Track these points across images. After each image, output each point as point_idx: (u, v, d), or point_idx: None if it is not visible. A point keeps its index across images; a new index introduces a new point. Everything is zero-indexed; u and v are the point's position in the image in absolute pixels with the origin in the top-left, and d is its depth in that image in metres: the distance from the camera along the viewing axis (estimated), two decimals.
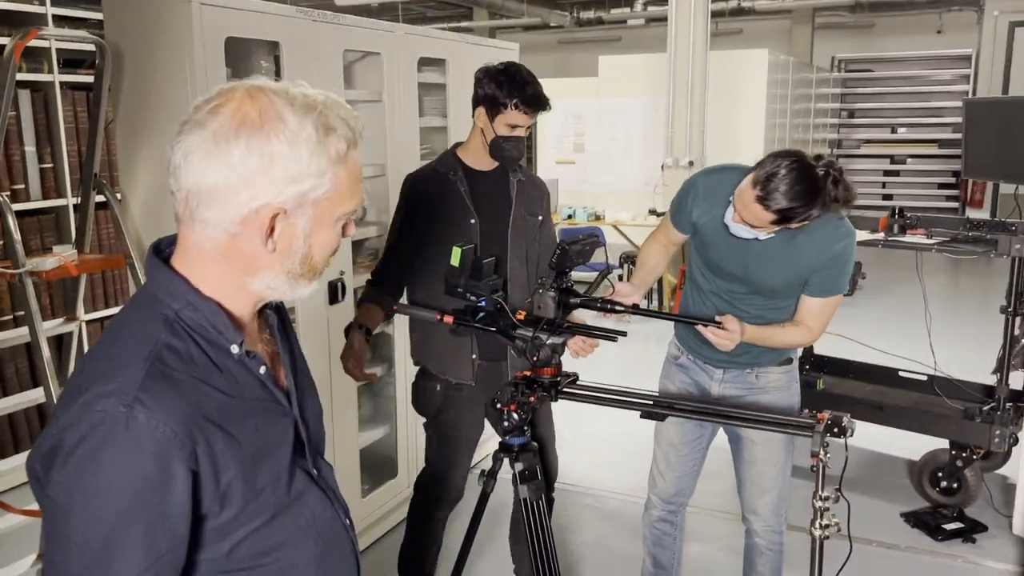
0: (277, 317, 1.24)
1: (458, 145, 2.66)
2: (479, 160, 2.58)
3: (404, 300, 2.67)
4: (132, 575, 0.98)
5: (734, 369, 2.48)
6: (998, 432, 3.49)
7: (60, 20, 4.00)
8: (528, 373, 2.25)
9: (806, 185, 2.09)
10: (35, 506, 3.06)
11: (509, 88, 2.43)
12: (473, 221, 2.54)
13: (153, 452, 0.96)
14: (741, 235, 2.27)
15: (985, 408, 3.63)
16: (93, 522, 0.96)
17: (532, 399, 2.25)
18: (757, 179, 2.12)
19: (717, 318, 2.24)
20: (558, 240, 2.32)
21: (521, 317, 2.24)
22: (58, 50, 3.96)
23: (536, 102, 2.46)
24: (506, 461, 2.31)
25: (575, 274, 2.28)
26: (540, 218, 2.68)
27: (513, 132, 2.48)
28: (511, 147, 2.50)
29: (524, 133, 2.51)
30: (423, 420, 2.76)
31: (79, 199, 2.82)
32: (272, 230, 1.05)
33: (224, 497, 1.04)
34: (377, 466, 3.53)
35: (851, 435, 2.00)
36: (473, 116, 2.53)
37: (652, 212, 7.40)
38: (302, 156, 1.02)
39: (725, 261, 2.39)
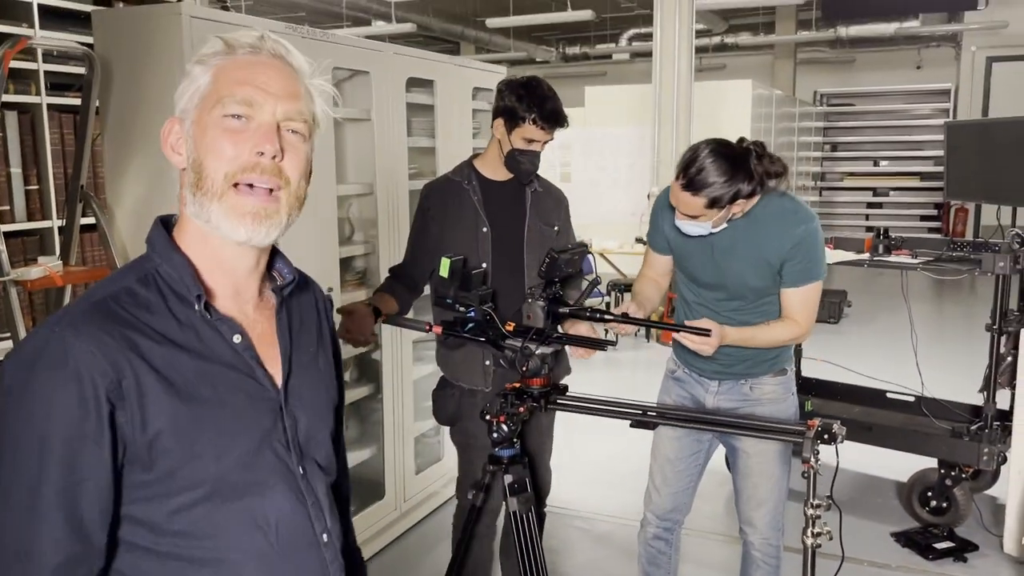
0: (293, 304, 1.22)
1: (476, 156, 2.69)
2: (495, 171, 2.59)
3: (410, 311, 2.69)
4: (50, 497, 0.99)
5: (728, 380, 2.48)
6: (986, 450, 3.49)
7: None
8: (518, 384, 2.25)
9: (725, 163, 2.16)
10: None
11: (528, 102, 2.44)
12: (485, 230, 2.55)
13: (73, 372, 0.98)
14: (692, 232, 2.31)
15: (973, 427, 3.63)
16: (19, 436, 0.99)
17: (521, 410, 2.23)
18: (679, 169, 2.21)
19: (690, 323, 2.25)
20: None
21: (510, 328, 2.24)
22: (46, 73, 3.97)
23: (554, 118, 2.47)
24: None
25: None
26: (556, 228, 2.69)
27: (530, 146, 2.49)
28: (526, 161, 2.51)
29: (541, 148, 2.53)
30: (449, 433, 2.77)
31: (64, 220, 2.80)
32: (174, 145, 1.12)
33: (153, 447, 1.02)
34: (364, 488, 3.48)
35: (841, 442, 2.00)
36: (492, 127, 2.55)
37: (639, 240, 7.43)
38: (194, 63, 1.11)
39: (699, 269, 2.42)
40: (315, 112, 1.14)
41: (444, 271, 2.28)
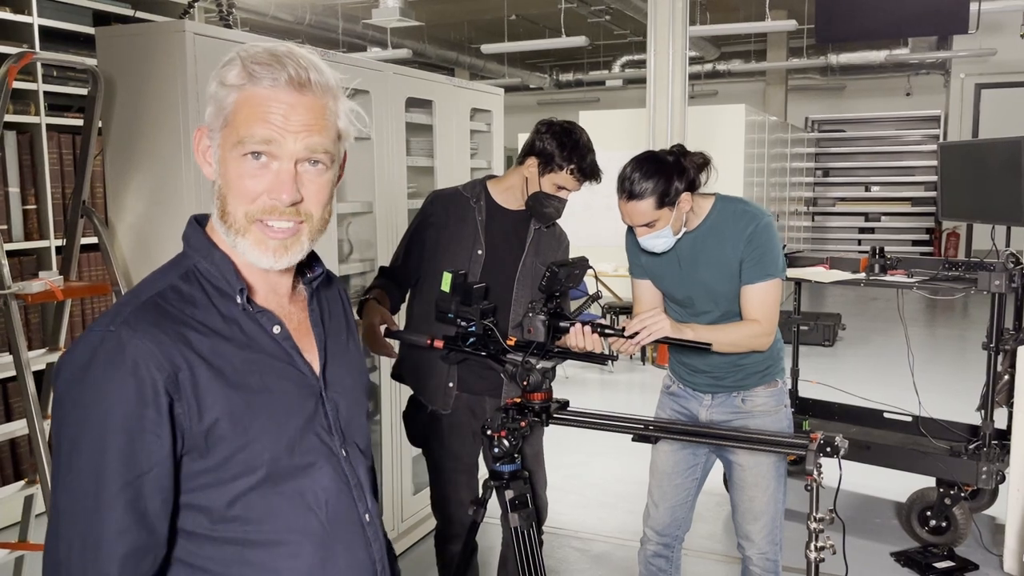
0: (321, 296, 1.26)
1: (491, 177, 2.67)
2: (507, 199, 2.58)
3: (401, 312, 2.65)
4: (113, 489, 1.01)
5: (721, 393, 2.49)
6: (984, 469, 3.49)
7: (49, 67, 4.03)
8: (518, 399, 2.24)
9: (655, 165, 2.28)
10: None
11: (570, 152, 2.43)
12: (480, 252, 2.53)
13: (132, 366, 1.02)
14: (658, 247, 2.37)
15: (971, 446, 3.64)
16: (79, 434, 1.02)
17: (523, 425, 2.23)
18: (617, 189, 2.32)
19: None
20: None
21: (511, 343, 2.24)
22: (45, 93, 3.98)
23: (592, 173, 2.48)
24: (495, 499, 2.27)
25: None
26: None
27: (558, 192, 2.49)
28: (551, 205, 2.51)
29: (567, 196, 2.53)
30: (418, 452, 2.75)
31: (64, 240, 2.80)
32: (204, 153, 1.13)
33: (210, 435, 1.06)
34: None
35: (843, 454, 2.01)
36: (520, 161, 2.52)
37: None
38: (218, 83, 1.11)
39: (672, 285, 2.47)
40: (339, 128, 1.15)
41: (446, 285, 2.27)
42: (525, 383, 2.18)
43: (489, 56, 12.21)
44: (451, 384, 2.57)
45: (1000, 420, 3.66)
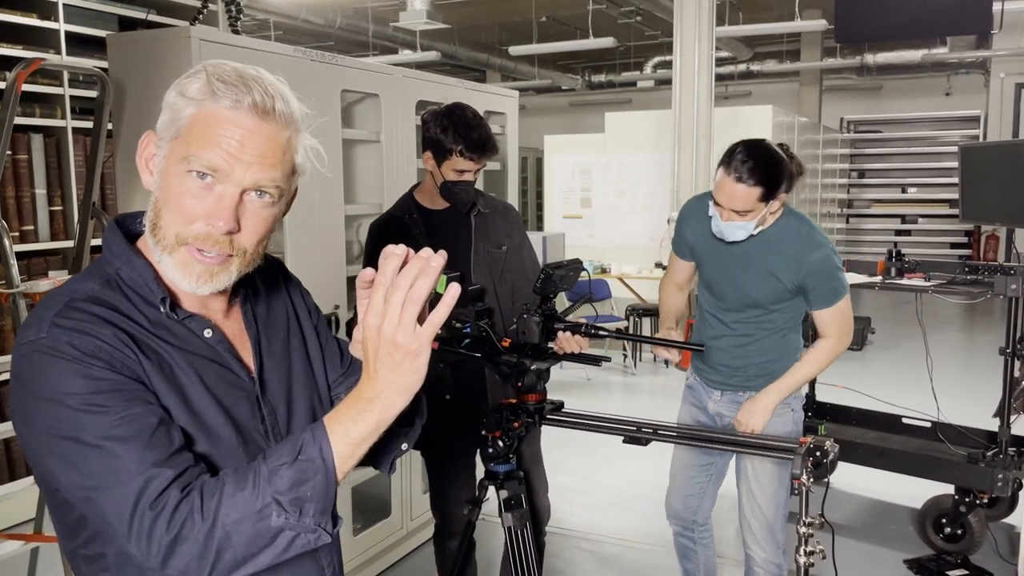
0: (259, 296, 1.23)
1: (417, 186, 2.66)
2: (435, 201, 2.56)
3: None
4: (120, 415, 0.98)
5: (729, 391, 2.58)
6: (1000, 476, 3.43)
7: (75, 72, 4.13)
8: (513, 400, 2.26)
9: (772, 156, 2.29)
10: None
11: (454, 133, 2.38)
12: None
13: (81, 351, 0.99)
14: (735, 236, 2.36)
15: (989, 453, 3.57)
16: (69, 406, 0.97)
17: (516, 425, 2.25)
18: (724, 164, 2.30)
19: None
20: (541, 263, 2.34)
21: (506, 344, 2.26)
22: (71, 97, 4.09)
23: (481, 147, 2.41)
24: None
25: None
26: (504, 248, 2.64)
27: (461, 176, 2.46)
28: (461, 191, 2.48)
29: (474, 177, 2.49)
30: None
31: (76, 240, 2.88)
32: (148, 160, 1.09)
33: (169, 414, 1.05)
34: (370, 505, 3.50)
35: (833, 459, 1.99)
36: (422, 158, 2.51)
37: (658, 265, 7.43)
38: (178, 93, 1.06)
39: (715, 276, 2.51)
40: (296, 163, 1.10)
41: (441, 288, 2.30)
42: (519, 384, 2.21)
43: (520, 58, 12.23)
44: (446, 385, 2.59)
45: (1018, 427, 3.59)
